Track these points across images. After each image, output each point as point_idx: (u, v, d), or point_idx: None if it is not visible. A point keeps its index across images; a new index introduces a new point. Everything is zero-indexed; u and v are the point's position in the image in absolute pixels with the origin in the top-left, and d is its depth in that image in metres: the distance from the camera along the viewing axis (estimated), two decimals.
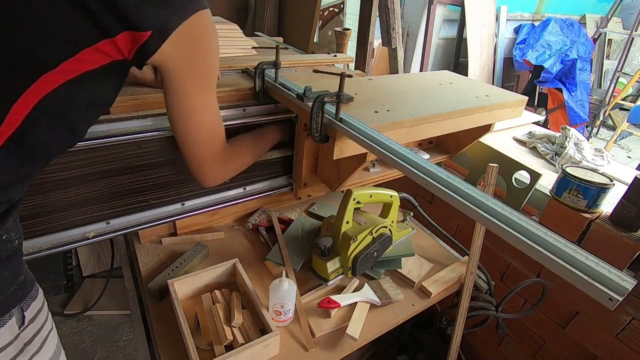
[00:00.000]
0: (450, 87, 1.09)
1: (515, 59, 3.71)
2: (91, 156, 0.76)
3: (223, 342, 0.74)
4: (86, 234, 0.83)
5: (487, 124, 1.05)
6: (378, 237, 0.92)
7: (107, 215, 0.85)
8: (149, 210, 0.90)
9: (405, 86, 1.04)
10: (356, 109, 0.83)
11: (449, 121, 0.90)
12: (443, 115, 0.88)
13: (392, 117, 0.81)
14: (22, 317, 0.53)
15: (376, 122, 0.77)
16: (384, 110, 0.85)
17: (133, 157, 0.82)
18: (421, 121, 0.84)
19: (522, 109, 1.08)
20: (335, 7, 2.95)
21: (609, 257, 0.98)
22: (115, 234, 0.85)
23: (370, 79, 1.08)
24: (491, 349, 1.40)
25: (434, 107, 0.89)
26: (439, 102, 0.94)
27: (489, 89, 1.09)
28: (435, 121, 0.87)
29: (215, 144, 0.70)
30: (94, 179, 0.79)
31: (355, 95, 0.89)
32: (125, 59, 0.51)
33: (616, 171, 1.34)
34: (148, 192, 0.88)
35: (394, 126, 0.79)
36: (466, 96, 1.01)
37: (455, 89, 1.07)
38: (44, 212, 0.76)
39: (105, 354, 1.69)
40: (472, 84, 1.15)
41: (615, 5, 4.03)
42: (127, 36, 0.49)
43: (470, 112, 0.94)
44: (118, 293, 1.92)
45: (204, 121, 0.65)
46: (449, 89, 1.06)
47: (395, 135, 0.80)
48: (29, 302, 0.55)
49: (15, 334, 0.53)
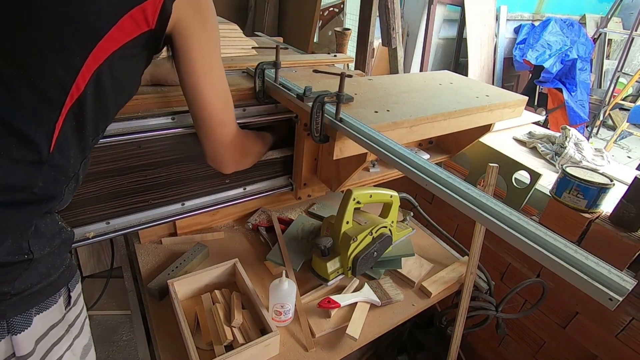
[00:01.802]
0: (450, 87, 1.08)
1: (515, 59, 3.71)
2: (91, 156, 0.76)
3: (223, 342, 0.74)
4: (86, 234, 0.83)
5: (487, 124, 1.04)
6: (378, 237, 0.92)
7: (107, 215, 0.85)
8: (149, 210, 0.90)
9: (405, 86, 1.04)
10: (356, 109, 0.83)
11: (449, 121, 0.90)
12: (443, 115, 0.87)
13: (392, 117, 0.81)
14: (69, 297, 0.58)
15: (376, 122, 0.77)
16: (384, 110, 0.84)
17: (133, 157, 0.82)
18: (421, 121, 0.84)
19: (522, 109, 1.08)
20: (335, 7, 2.95)
21: (609, 257, 0.98)
22: (115, 234, 0.85)
23: (370, 79, 1.08)
24: (491, 349, 1.40)
25: (434, 107, 0.89)
26: (438, 102, 0.94)
27: (488, 89, 1.09)
28: (435, 121, 0.87)
29: (229, 112, 0.73)
30: (94, 179, 0.79)
31: (355, 96, 0.89)
32: (150, 30, 0.55)
33: (616, 171, 1.34)
34: (148, 192, 0.88)
35: (394, 126, 0.79)
36: (466, 96, 1.01)
37: (455, 89, 1.07)
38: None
39: (105, 354, 1.69)
40: (472, 84, 1.15)
41: (615, 5, 4.03)
42: (150, 2, 0.53)
43: (470, 112, 0.93)
44: (118, 293, 1.92)
45: (219, 82, 0.69)
46: (449, 89, 1.06)
47: (395, 135, 0.80)
48: (74, 283, 0.59)
49: (63, 314, 0.57)
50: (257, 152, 0.88)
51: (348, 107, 0.84)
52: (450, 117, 0.90)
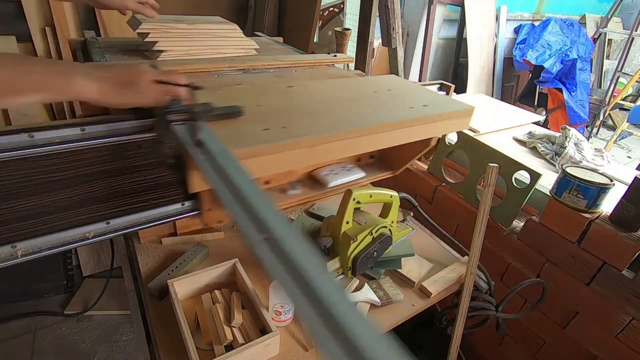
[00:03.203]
0: (386, 94, 0.96)
1: (515, 59, 3.71)
2: (91, 156, 0.76)
3: (223, 342, 0.74)
4: (86, 234, 0.83)
5: (426, 138, 0.91)
6: (378, 237, 0.92)
7: (107, 215, 0.84)
8: (149, 210, 0.90)
9: (331, 94, 0.91)
10: (242, 126, 0.68)
11: (368, 137, 0.76)
12: (362, 130, 0.73)
13: (285, 136, 0.66)
14: None
15: (258, 142, 0.63)
16: (278, 126, 0.69)
17: (133, 157, 0.82)
18: (327, 139, 0.69)
19: (468, 120, 0.95)
20: (335, 7, 2.95)
21: (609, 257, 0.99)
22: (115, 234, 0.85)
23: (290, 86, 0.93)
24: (491, 349, 1.40)
25: (353, 121, 0.76)
26: (362, 113, 0.81)
27: (429, 97, 0.96)
28: (347, 138, 0.72)
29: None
30: (94, 179, 0.79)
31: (257, 107, 0.76)
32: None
33: (616, 171, 1.34)
34: (148, 192, 0.88)
35: (282, 148, 0.65)
36: (398, 106, 0.88)
37: (391, 97, 0.94)
38: (44, 212, 0.76)
39: (105, 354, 1.69)
40: (412, 90, 1.01)
41: (615, 5, 4.03)
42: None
43: (395, 127, 0.80)
44: (118, 293, 1.92)
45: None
46: (383, 97, 0.93)
47: (288, 158, 0.67)
48: None
49: None
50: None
51: (234, 122, 0.69)
52: (371, 133, 0.76)
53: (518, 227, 1.20)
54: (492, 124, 1.66)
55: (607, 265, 0.99)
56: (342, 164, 1.11)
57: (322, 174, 1.07)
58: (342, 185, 1.06)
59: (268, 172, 0.70)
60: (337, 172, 1.08)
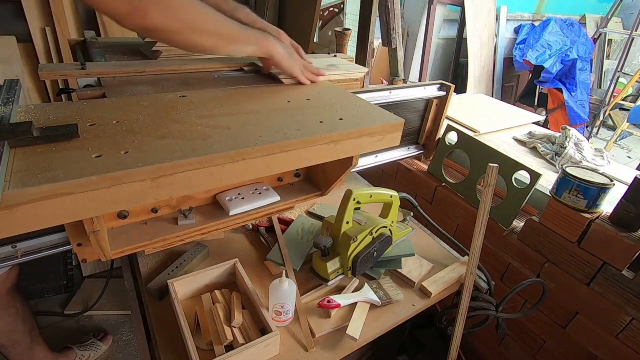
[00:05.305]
0: (303, 104, 0.81)
1: (515, 59, 3.72)
2: None
3: (223, 342, 0.74)
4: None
5: (337, 159, 0.74)
6: (378, 237, 0.92)
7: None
8: None
9: (228, 107, 0.75)
10: (71, 152, 0.53)
11: (253, 161, 0.61)
12: (241, 153, 0.59)
13: (119, 166, 0.51)
14: None
15: (77, 177, 0.47)
16: (118, 152, 0.54)
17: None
18: (182, 167, 0.55)
19: (397, 135, 0.79)
20: (335, 7, 2.95)
21: (609, 257, 0.99)
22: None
23: (183, 95, 0.78)
24: (491, 349, 1.41)
25: (236, 141, 0.61)
26: (256, 131, 0.65)
27: (356, 109, 0.80)
28: (218, 164, 0.58)
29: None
30: None
31: (116, 123, 0.62)
32: None
33: (616, 171, 1.35)
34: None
35: (109, 182, 0.50)
36: (307, 120, 0.72)
37: (307, 108, 0.79)
38: None
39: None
40: (336, 101, 0.84)
41: (615, 5, 4.03)
42: None
43: (291, 147, 0.65)
44: (118, 293, 1.92)
45: None
46: (293, 109, 0.78)
47: (125, 193, 0.52)
48: None
49: None
50: (194, 19, 0.64)
51: (63, 147, 0.54)
52: (253, 156, 0.61)
53: (518, 227, 1.20)
54: (492, 124, 1.66)
55: (607, 265, 0.99)
56: (255, 185, 0.89)
57: (226, 198, 0.85)
58: (249, 212, 0.85)
59: (87, 215, 0.52)
60: (244, 196, 0.86)
